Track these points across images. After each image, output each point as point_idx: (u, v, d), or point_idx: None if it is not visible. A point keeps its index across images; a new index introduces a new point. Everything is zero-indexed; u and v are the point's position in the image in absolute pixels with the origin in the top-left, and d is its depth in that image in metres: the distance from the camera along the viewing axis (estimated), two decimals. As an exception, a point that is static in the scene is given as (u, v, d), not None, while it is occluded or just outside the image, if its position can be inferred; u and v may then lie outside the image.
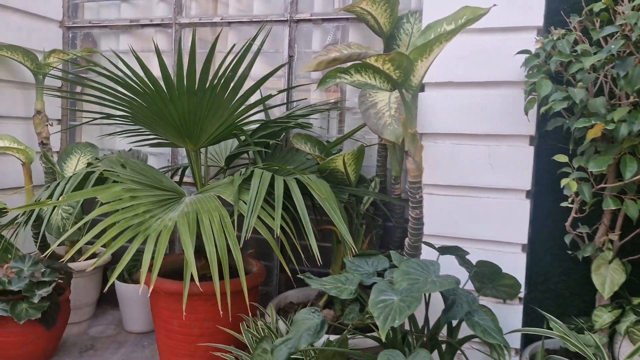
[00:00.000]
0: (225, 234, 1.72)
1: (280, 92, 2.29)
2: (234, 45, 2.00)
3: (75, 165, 2.89)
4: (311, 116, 2.56)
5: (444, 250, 1.73)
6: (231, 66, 2.03)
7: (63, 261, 1.78)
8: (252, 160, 2.54)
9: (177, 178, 2.73)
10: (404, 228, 2.48)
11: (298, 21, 2.69)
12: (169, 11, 2.95)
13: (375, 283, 1.62)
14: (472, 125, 1.93)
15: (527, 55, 1.76)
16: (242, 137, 2.37)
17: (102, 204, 1.66)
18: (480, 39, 1.89)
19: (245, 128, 2.31)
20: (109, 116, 2.30)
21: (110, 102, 2.12)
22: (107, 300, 3.07)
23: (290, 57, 2.71)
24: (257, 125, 2.41)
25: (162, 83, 1.94)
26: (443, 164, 1.98)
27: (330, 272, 2.35)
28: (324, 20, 2.65)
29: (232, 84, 2.08)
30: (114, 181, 1.82)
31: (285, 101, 2.71)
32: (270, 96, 2.18)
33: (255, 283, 2.24)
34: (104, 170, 1.85)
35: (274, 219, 1.82)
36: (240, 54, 2.00)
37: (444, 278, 1.51)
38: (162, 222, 1.71)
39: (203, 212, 1.76)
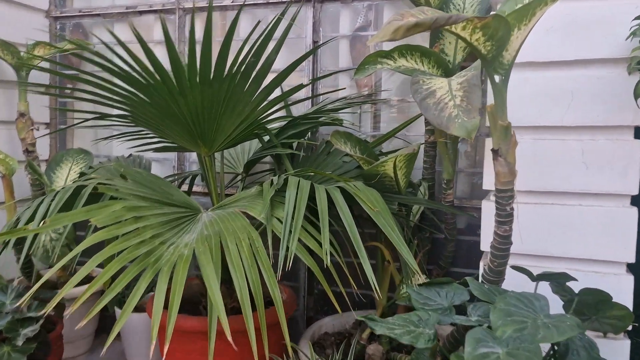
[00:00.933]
0: (257, 263, 1.33)
1: (313, 80, 1.89)
2: (259, 22, 1.61)
3: (66, 175, 2.49)
4: (341, 112, 2.16)
5: (544, 277, 1.34)
6: (254, 50, 1.64)
7: (50, 308, 1.38)
8: (274, 166, 2.15)
9: (185, 187, 2.34)
10: (457, 241, 2.09)
11: (323, 0, 2.30)
12: (171, -6, 2.56)
13: (456, 324, 1.24)
14: (559, 115, 1.55)
15: (642, 22, 1.37)
16: (265, 137, 1.97)
17: (97, 229, 1.27)
18: (573, 5, 1.50)
19: (268, 127, 1.92)
20: (103, 116, 1.90)
21: (107, 99, 1.73)
22: (107, 330, 2.67)
23: (315, 42, 2.32)
24: (282, 123, 2.02)
25: (170, 73, 1.55)
26: (522, 165, 1.59)
27: (375, 298, 1.96)
28: (354, -2, 2.27)
29: (254, 73, 1.69)
30: (112, 197, 1.42)
31: (309, 95, 2.32)
32: (301, 86, 1.79)
33: (286, 315, 1.85)
34: (99, 183, 1.45)
35: (313, 237, 1.44)
36: (265, 33, 1.61)
37: (559, 320, 1.12)
38: (176, 249, 1.31)
39: (228, 235, 1.37)
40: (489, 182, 1.63)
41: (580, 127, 1.53)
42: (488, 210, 1.64)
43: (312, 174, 1.69)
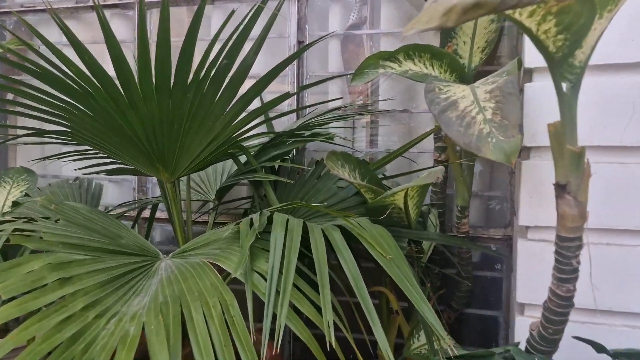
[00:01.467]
0: (232, 340, 0.97)
1: (301, 89, 1.52)
2: (232, 12, 1.25)
3: (4, 199, 2.08)
4: (331, 125, 1.81)
5: (624, 356, 1.00)
6: (226, 50, 1.28)
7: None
8: (253, 191, 1.78)
9: (146, 213, 1.96)
10: (473, 278, 1.76)
11: (310, -7, 1.95)
12: (129, -13, 2.18)
13: None
14: (618, 132, 1.22)
15: None
16: (242, 157, 1.61)
17: (5, 301, 0.89)
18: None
19: (245, 145, 1.56)
20: (40, 133, 1.52)
21: (41, 111, 1.35)
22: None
23: (300, 42, 1.96)
24: (263, 140, 1.66)
25: (115, 80, 1.18)
26: (570, 195, 1.25)
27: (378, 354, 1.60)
28: (346, -10, 1.92)
29: (227, 78, 1.34)
30: (33, 251, 1.04)
31: (294, 106, 1.96)
32: (286, 95, 1.43)
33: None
34: (15, 230, 1.07)
35: (308, 298, 1.08)
36: (241, 29, 1.25)
37: None
38: (118, 325, 0.94)
39: (192, 300, 1.00)
40: (526, 217, 1.30)
41: (645, 148, 1.21)
42: (525, 252, 1.31)
43: (303, 206, 1.33)
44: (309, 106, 1.73)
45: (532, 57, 1.28)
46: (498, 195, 1.82)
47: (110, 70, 1.17)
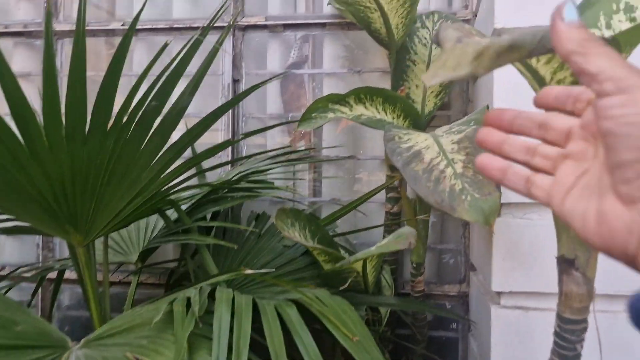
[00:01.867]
0: None
1: (246, 136, 1.31)
2: (165, 45, 1.04)
3: None
4: (271, 173, 1.62)
5: None
6: (156, 90, 1.08)
7: None
8: (184, 251, 1.55)
9: (53, 274, 1.66)
10: (428, 340, 1.60)
11: (246, 28, 1.78)
12: (36, 13, 1.91)
13: None
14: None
15: None
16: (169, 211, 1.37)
17: None
18: None
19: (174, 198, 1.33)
20: None
21: None
22: None
23: (236, 81, 1.78)
24: (194, 191, 1.44)
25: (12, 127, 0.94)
26: (542, 259, 1.14)
27: None
28: (285, 26, 1.76)
29: (156, 123, 1.13)
30: None
31: (230, 154, 1.76)
32: (227, 143, 1.23)
33: None
34: None
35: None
36: (176, 64, 1.06)
37: None
38: None
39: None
40: (500, 282, 1.16)
41: None
42: (499, 321, 1.17)
43: (245, 275, 1.12)
44: (250, 156, 1.54)
45: (501, 105, 1.17)
46: (452, 248, 1.70)
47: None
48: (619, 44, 0.65)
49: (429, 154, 1.17)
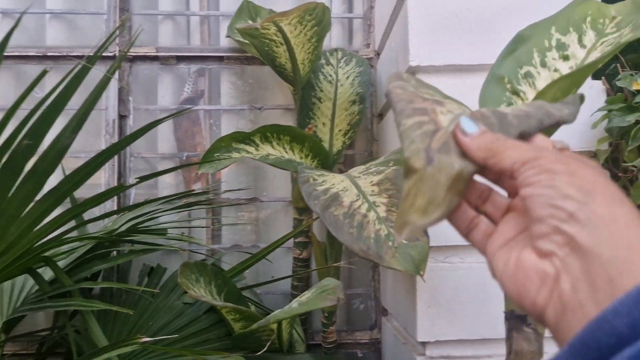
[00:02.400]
0: None
1: (141, 180, 1.12)
2: (44, 72, 0.86)
3: None
4: (164, 220, 1.44)
5: None
6: (29, 127, 0.89)
7: None
8: (62, 315, 1.31)
9: None
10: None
11: (134, 59, 1.61)
12: None
13: None
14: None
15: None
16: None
17: None
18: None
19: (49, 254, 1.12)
20: None
21: None
22: None
23: (122, 117, 1.59)
24: (72, 247, 1.23)
25: None
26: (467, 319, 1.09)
27: None
28: (179, 59, 1.62)
29: (29, 165, 0.93)
30: None
31: (116, 204, 1.55)
32: (118, 189, 1.06)
33: None
34: None
35: None
36: (56, 97, 0.88)
37: None
38: None
39: None
40: (425, 331, 1.10)
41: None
42: (427, 373, 1.09)
43: (144, 344, 0.94)
44: (140, 205, 1.35)
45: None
46: (361, 292, 1.62)
47: None
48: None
49: (348, 197, 1.09)
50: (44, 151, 0.95)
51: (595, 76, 1.16)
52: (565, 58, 0.75)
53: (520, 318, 0.72)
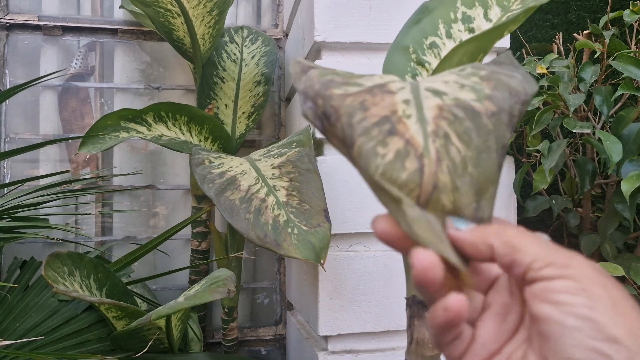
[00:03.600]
0: None
1: (8, 154, 0.95)
2: None
3: None
4: (46, 207, 1.28)
5: None
6: None
7: None
8: None
9: None
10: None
11: (11, 27, 1.42)
12: None
13: None
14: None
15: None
16: None
17: None
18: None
19: None
20: None
21: None
22: None
23: (-4, 92, 1.40)
24: None
25: None
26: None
27: None
28: (66, 29, 1.46)
29: None
30: None
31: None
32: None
33: None
34: None
35: None
36: None
37: None
38: None
39: None
40: (327, 324, 1.03)
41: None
42: (328, 369, 1.02)
43: (6, 349, 0.80)
44: (16, 183, 1.18)
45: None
46: (265, 286, 1.53)
47: None
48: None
49: (246, 181, 1.00)
50: None
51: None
52: (471, 30, 0.70)
53: (422, 304, 0.67)
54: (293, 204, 0.94)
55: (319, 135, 1.06)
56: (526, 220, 1.17)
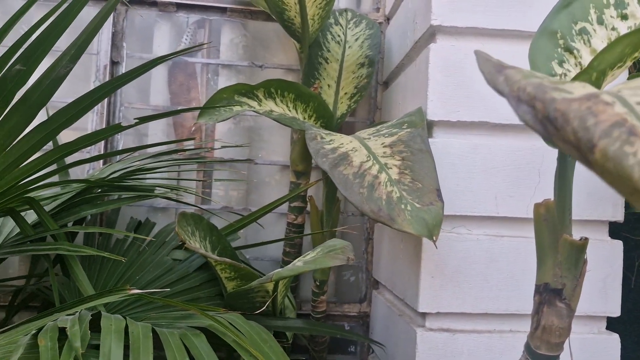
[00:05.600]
0: None
1: (138, 122, 1.03)
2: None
3: None
4: (151, 174, 1.37)
5: None
6: (19, 55, 0.82)
7: None
8: (45, 261, 1.23)
9: None
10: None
11: (131, 2, 1.51)
12: None
13: None
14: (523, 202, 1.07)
15: None
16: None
17: None
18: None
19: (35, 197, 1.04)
20: None
21: None
22: None
23: (115, 63, 1.50)
24: (55, 192, 1.15)
25: None
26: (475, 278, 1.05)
27: None
28: (179, 6, 1.53)
29: (17, 96, 0.86)
30: None
31: (103, 150, 1.47)
32: (105, 132, 0.98)
33: None
34: None
35: None
36: (55, 18, 0.80)
37: None
38: None
39: None
40: (427, 302, 1.05)
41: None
42: (425, 346, 1.05)
43: (132, 296, 0.87)
44: (128, 150, 1.27)
45: (435, 108, 1.07)
46: (352, 265, 1.58)
47: None
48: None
49: (358, 157, 1.03)
50: (36, 80, 0.87)
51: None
52: (624, 17, 0.70)
53: (555, 292, 0.68)
54: (405, 182, 0.97)
55: (429, 117, 1.08)
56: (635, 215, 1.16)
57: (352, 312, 1.54)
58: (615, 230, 1.13)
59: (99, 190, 1.17)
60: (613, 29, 0.68)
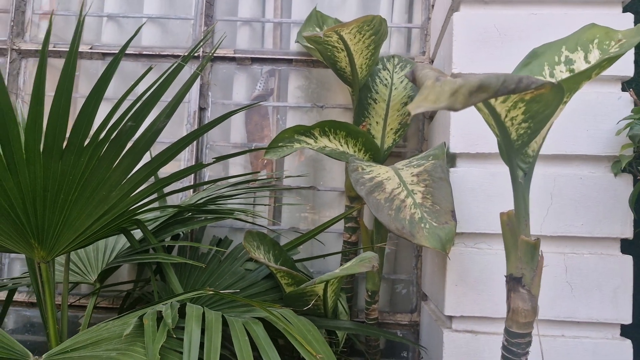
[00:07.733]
0: None
1: (218, 159, 1.34)
2: (149, 69, 1.09)
3: None
4: (232, 201, 1.66)
5: None
6: (134, 111, 1.12)
7: None
8: (149, 270, 1.55)
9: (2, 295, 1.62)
10: (380, 368, 1.65)
11: (215, 59, 1.84)
12: (2, 32, 1.91)
13: None
14: (537, 222, 1.23)
15: None
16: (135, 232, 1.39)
17: None
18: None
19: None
20: None
21: None
22: None
23: (202, 109, 1.83)
24: (155, 214, 1.46)
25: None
26: (492, 286, 1.23)
27: None
28: (254, 60, 1.84)
29: (130, 143, 1.16)
30: None
31: (193, 181, 1.79)
32: (199, 166, 1.27)
33: None
34: None
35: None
36: (158, 85, 1.10)
37: None
38: None
39: None
40: (452, 306, 1.24)
41: (562, 237, 1.23)
42: (451, 345, 1.24)
43: (208, 294, 1.14)
44: (213, 181, 1.58)
45: (456, 142, 1.27)
46: (404, 278, 1.77)
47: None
48: (563, 89, 0.75)
49: (390, 185, 1.25)
50: (142, 132, 1.18)
51: (625, 88, 1.26)
52: (572, 71, 0.88)
53: (516, 280, 0.87)
54: (427, 205, 1.17)
55: (452, 150, 1.28)
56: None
57: (404, 321, 1.73)
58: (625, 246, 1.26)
59: (189, 213, 1.47)
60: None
